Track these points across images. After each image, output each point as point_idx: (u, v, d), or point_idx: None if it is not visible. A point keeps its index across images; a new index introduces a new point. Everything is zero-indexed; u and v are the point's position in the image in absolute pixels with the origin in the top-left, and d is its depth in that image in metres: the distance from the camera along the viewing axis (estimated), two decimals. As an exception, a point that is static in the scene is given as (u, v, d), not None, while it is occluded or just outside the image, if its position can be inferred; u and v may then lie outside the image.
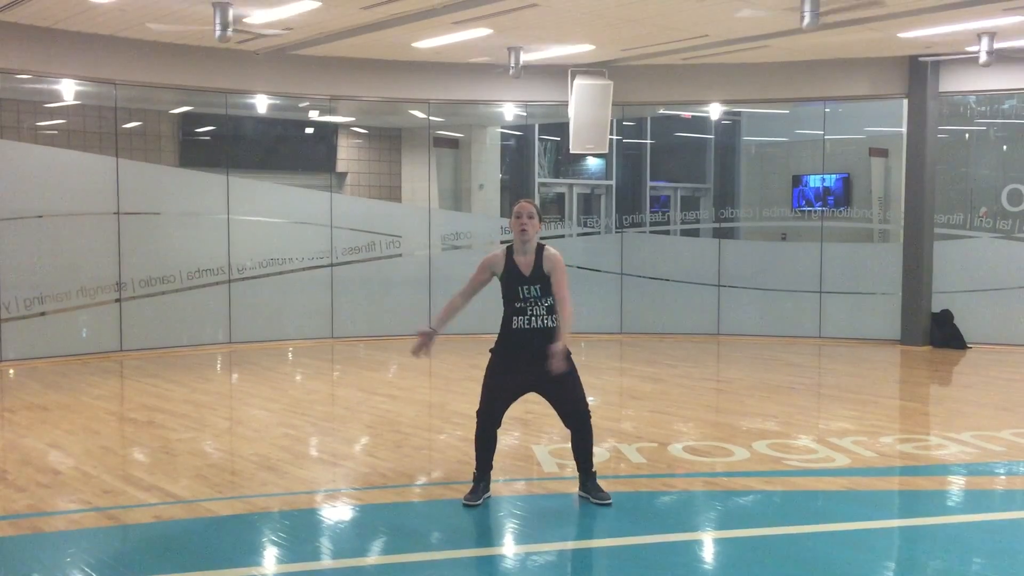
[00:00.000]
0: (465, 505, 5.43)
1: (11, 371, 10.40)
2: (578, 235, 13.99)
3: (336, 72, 12.33)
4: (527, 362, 5.31)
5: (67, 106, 11.77)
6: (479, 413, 5.45)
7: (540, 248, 5.39)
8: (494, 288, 5.55)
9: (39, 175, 10.91)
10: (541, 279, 5.34)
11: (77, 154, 11.54)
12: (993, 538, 5.13)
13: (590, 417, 5.48)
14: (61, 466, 6.41)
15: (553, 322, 5.37)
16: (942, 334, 12.31)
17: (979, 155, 13.42)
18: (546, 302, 5.35)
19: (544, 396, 5.47)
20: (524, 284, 5.33)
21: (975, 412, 8.44)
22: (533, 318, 5.33)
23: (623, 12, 9.55)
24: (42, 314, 10.95)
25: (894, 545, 5.08)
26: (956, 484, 6.23)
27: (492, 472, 5.55)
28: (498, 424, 5.45)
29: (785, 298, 13.13)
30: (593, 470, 5.55)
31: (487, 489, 5.53)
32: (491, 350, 5.49)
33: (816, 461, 6.55)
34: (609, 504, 5.43)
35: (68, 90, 11.29)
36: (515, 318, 5.35)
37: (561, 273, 5.34)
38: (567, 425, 5.48)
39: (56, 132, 12.20)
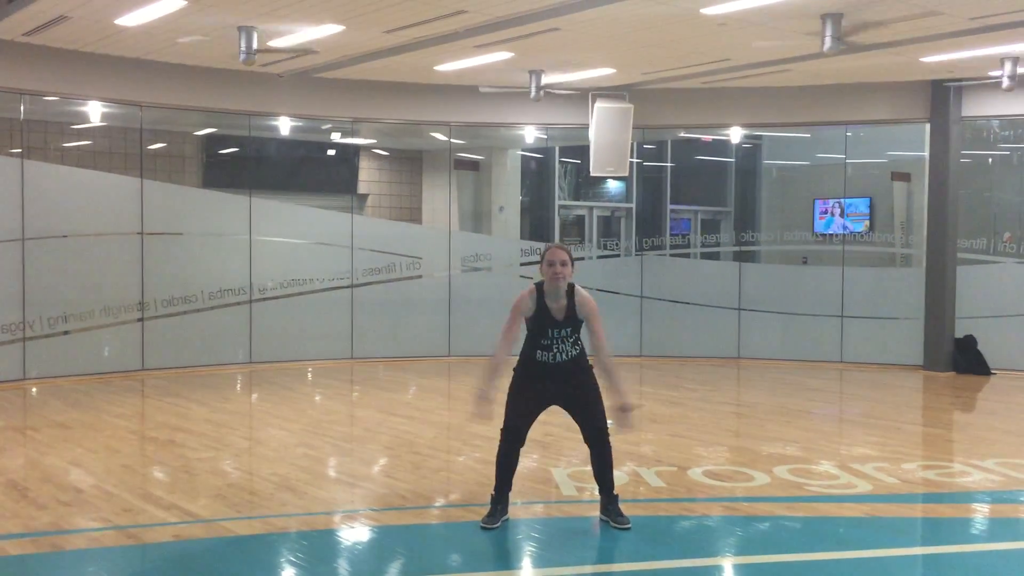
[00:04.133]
0: (483, 528, 5.41)
1: (34, 389, 10.48)
2: (598, 258, 13.98)
3: (358, 95, 12.43)
4: (551, 381, 5.39)
5: (93, 127, 11.91)
6: (503, 430, 5.44)
7: (571, 290, 5.38)
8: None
9: (65, 195, 11.02)
10: (574, 322, 5.38)
11: (102, 175, 11.65)
12: (1019, 567, 5.06)
13: (608, 436, 5.48)
14: (82, 484, 6.45)
15: (577, 350, 5.42)
16: (966, 360, 12.19)
17: (1002, 180, 13.34)
18: (572, 338, 5.40)
19: (566, 410, 5.51)
20: (556, 327, 5.35)
21: (1000, 439, 8.34)
22: (558, 354, 5.38)
23: (643, 36, 9.58)
24: (65, 333, 11.03)
25: (917, 573, 5.02)
26: (980, 512, 6.16)
27: (511, 494, 5.54)
28: (522, 442, 5.45)
29: (806, 322, 13.05)
30: (615, 493, 5.53)
31: (505, 512, 5.51)
32: (514, 369, 5.51)
33: (838, 487, 6.49)
34: (628, 528, 5.40)
35: (94, 112, 11.41)
36: (539, 352, 5.39)
37: (598, 321, 5.39)
38: (587, 441, 5.48)
39: (82, 153, 12.34)
